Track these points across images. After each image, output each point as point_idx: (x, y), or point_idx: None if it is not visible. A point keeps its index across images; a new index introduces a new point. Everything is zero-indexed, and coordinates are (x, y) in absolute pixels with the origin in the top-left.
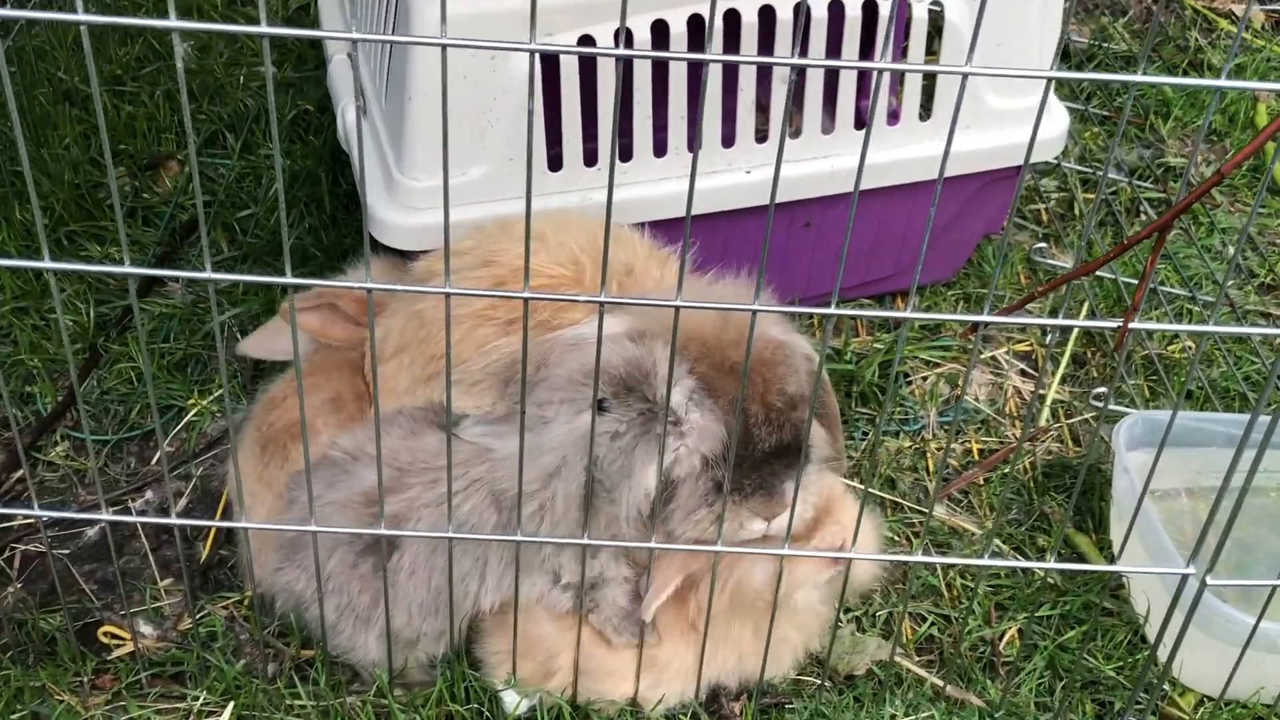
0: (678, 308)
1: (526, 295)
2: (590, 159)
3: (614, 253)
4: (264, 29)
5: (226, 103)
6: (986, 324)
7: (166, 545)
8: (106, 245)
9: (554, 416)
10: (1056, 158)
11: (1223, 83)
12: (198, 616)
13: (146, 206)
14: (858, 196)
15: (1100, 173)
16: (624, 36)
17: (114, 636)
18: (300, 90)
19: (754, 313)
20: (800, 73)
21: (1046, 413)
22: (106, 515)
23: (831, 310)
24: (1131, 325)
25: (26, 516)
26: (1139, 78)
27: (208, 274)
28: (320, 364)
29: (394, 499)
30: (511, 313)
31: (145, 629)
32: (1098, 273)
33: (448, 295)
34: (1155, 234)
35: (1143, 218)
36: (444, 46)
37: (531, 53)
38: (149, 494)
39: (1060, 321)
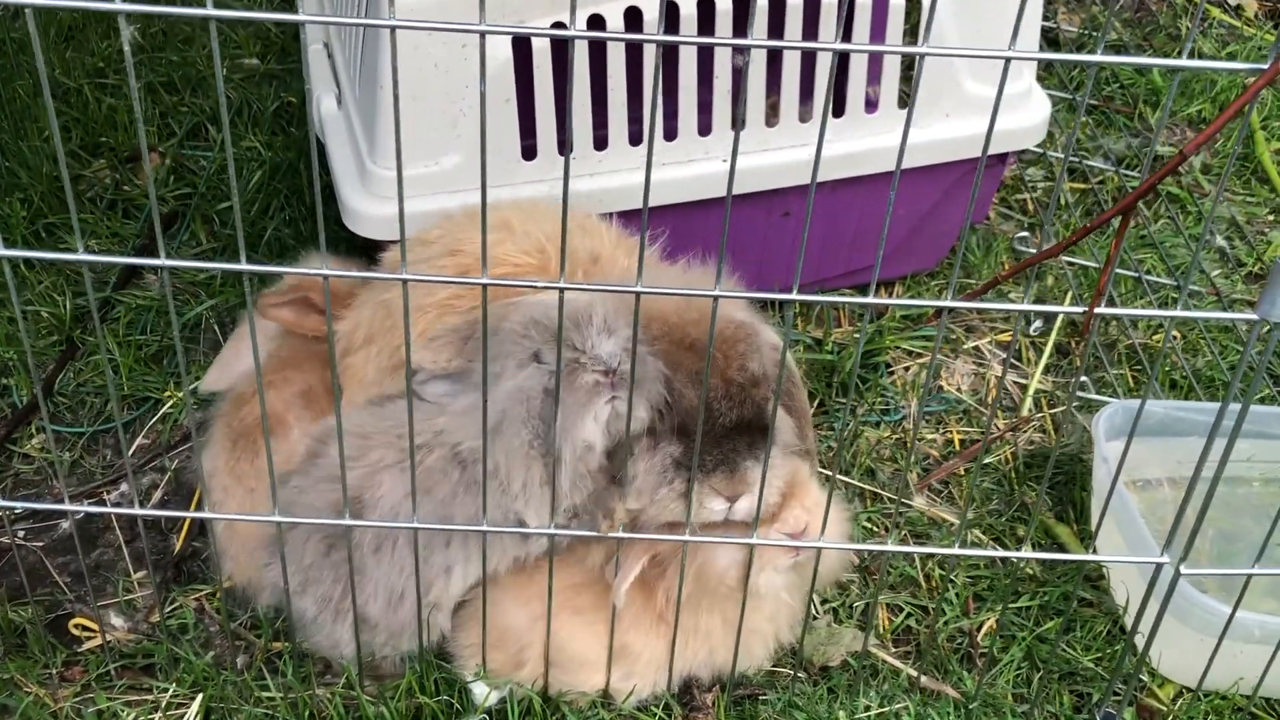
0: (638, 293)
1: (485, 281)
2: (564, 148)
3: (580, 241)
4: (210, 11)
5: (209, 94)
6: (954, 311)
7: (141, 538)
8: (86, 238)
9: (500, 371)
10: (1041, 146)
11: (1182, 62)
12: (169, 608)
13: (127, 199)
14: (815, 187)
15: (1084, 161)
16: (572, 22)
17: (84, 629)
18: (283, 82)
19: (715, 298)
20: (775, 59)
21: (1029, 402)
22: (70, 506)
23: (793, 296)
24: (1098, 311)
25: None
26: (1096, 58)
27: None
28: (291, 357)
29: (358, 465)
30: (475, 301)
31: (116, 621)
32: (1082, 262)
33: (405, 282)
34: (1121, 216)
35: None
36: (392, 29)
37: (481, 34)
38: (124, 486)
39: (1025, 307)
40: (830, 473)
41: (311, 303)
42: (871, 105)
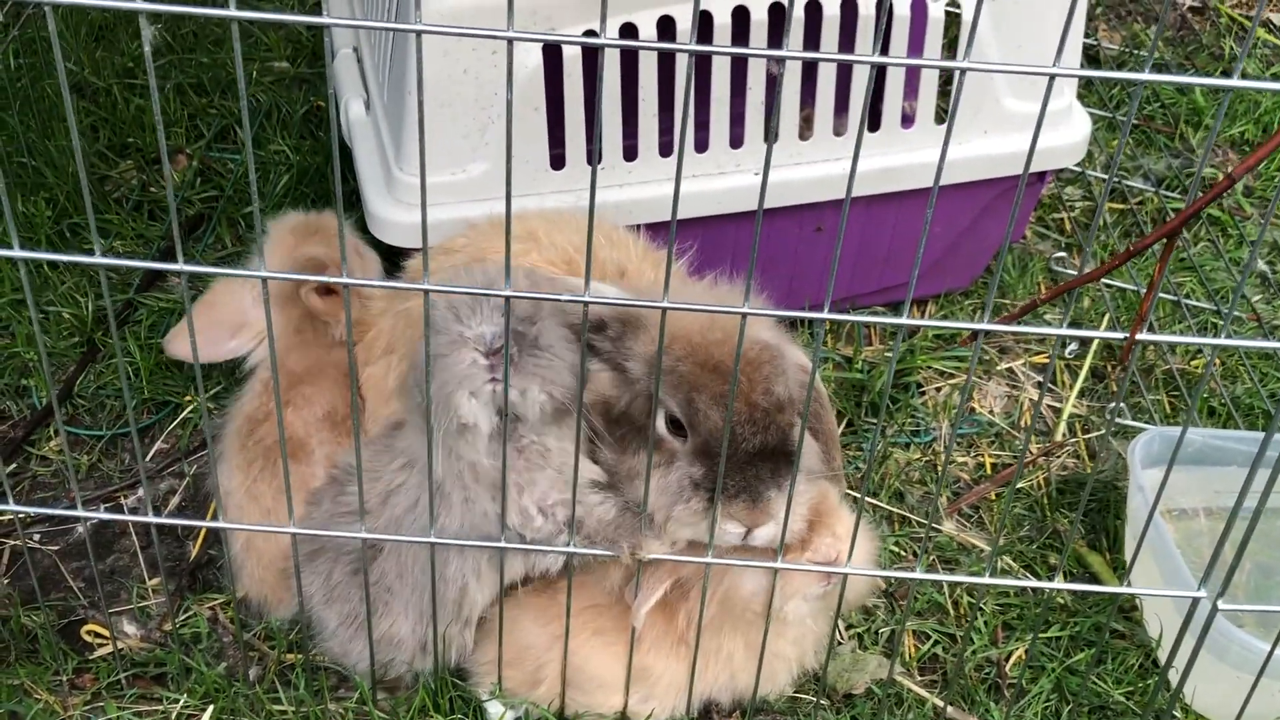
0: (664, 309)
1: (508, 294)
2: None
3: (608, 254)
4: (233, 12)
5: (238, 97)
6: (989, 333)
7: (155, 544)
8: (111, 239)
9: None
10: (1079, 165)
11: (1232, 82)
12: (182, 617)
13: (154, 201)
14: (850, 202)
15: (1123, 182)
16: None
17: (97, 635)
18: (313, 86)
19: (743, 316)
20: (810, 71)
21: (1063, 427)
22: (81, 513)
23: (824, 315)
24: (1139, 337)
25: (1, 512)
26: (1144, 77)
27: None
28: (305, 372)
29: (379, 510)
30: None
31: (129, 628)
32: (1120, 285)
33: (426, 293)
34: (1165, 241)
35: None
36: (419, 33)
37: (509, 40)
38: (141, 491)
39: (1064, 331)
40: (857, 495)
41: (331, 289)
42: (908, 120)
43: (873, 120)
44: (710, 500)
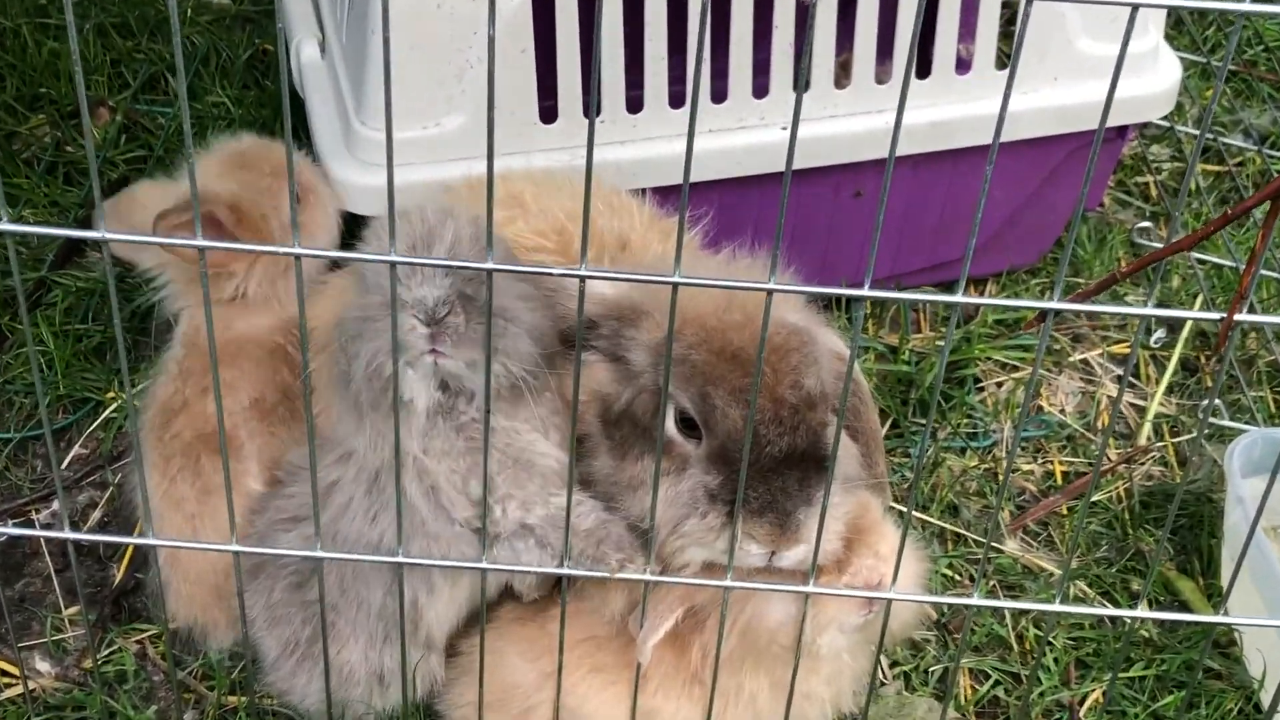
0: (675, 284)
1: (490, 267)
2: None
3: (609, 222)
4: None
5: (169, 40)
6: (1059, 314)
7: (74, 566)
8: (20, 206)
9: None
10: (1168, 119)
11: None
12: (105, 652)
13: (70, 161)
14: (894, 161)
15: (1220, 139)
16: None
17: (3, 674)
18: (259, 26)
19: (769, 293)
20: (847, 8)
21: (1147, 429)
22: None
23: (864, 292)
24: (1237, 318)
25: None
26: (1245, 7)
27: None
28: (233, 355)
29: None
30: None
31: (42, 666)
32: (1216, 260)
33: (393, 265)
34: (1270, 204)
35: None
36: None
37: None
38: (55, 505)
39: (1146, 311)
40: (904, 509)
41: (214, 218)
42: (964, 65)
43: (922, 65)
44: (729, 515)
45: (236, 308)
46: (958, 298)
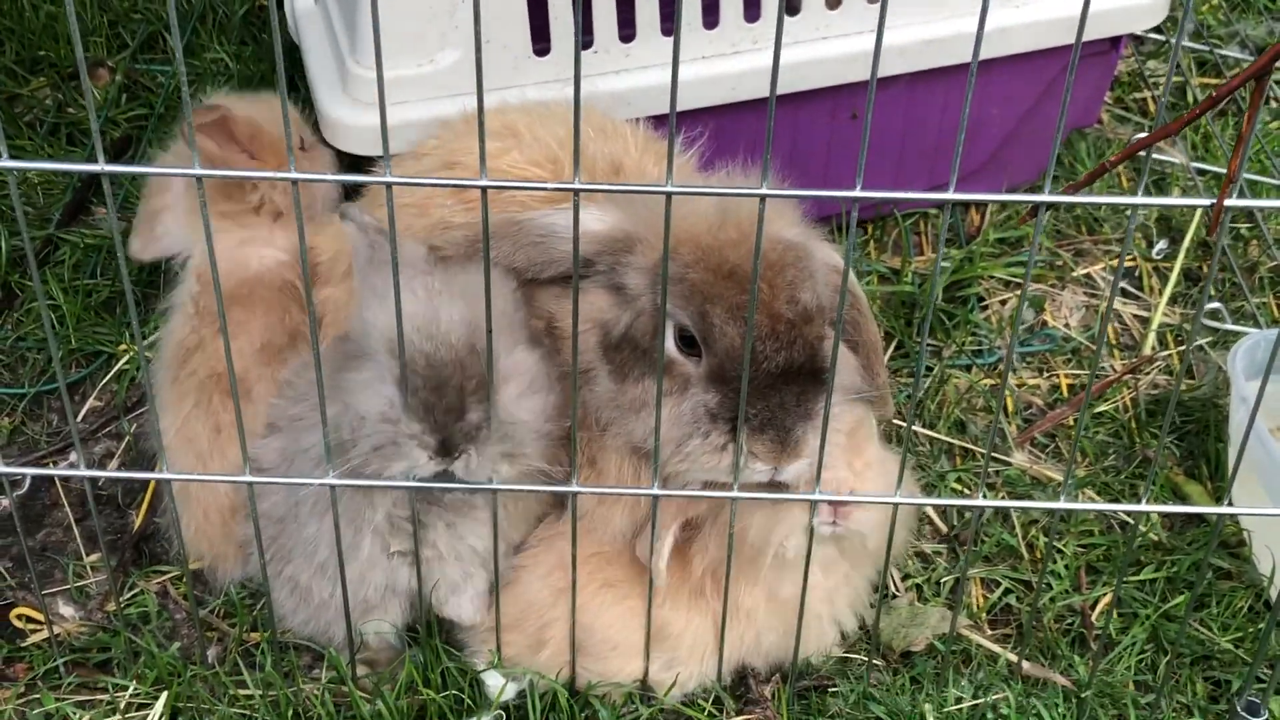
0: (669, 194)
1: (484, 184)
2: (586, 42)
3: (601, 147)
4: None
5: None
6: (1051, 207)
7: (93, 514)
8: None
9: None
10: (1164, 33)
11: None
12: (127, 595)
13: (72, 123)
14: (876, 77)
15: (1216, 50)
16: None
17: (29, 620)
18: None
19: (761, 199)
20: None
21: (1151, 339)
22: (5, 468)
23: (856, 194)
24: (1228, 203)
25: None
26: None
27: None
28: (243, 297)
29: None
30: (471, 215)
31: (66, 610)
32: (1216, 169)
33: (389, 185)
34: (1255, 83)
35: (1273, 105)
36: None
37: None
38: (72, 456)
39: (1137, 200)
40: (905, 424)
41: (231, 133)
42: None
43: None
44: (730, 434)
45: (252, 240)
46: (949, 195)
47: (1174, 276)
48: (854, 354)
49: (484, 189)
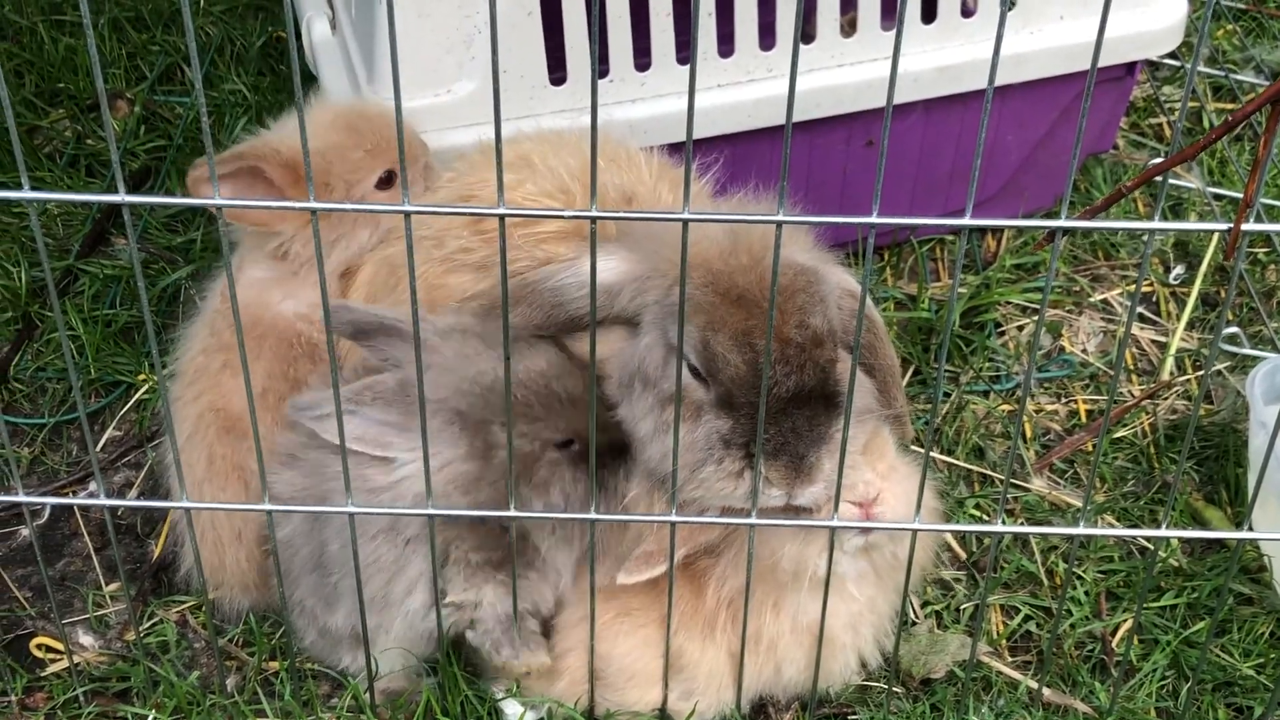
0: (685, 221)
1: (502, 212)
2: (602, 71)
3: (614, 177)
4: None
5: (183, 30)
6: (1068, 232)
7: (113, 544)
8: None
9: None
10: (1179, 58)
11: None
12: (146, 624)
13: (91, 154)
14: (892, 104)
15: (1231, 75)
16: None
17: (49, 649)
18: (270, 14)
19: (778, 225)
20: None
21: (1169, 364)
22: (24, 499)
23: (873, 220)
24: (1245, 227)
25: None
26: None
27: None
28: (255, 338)
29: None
30: (487, 247)
31: (85, 640)
32: (1232, 194)
33: (407, 215)
34: (1270, 108)
35: None
36: None
37: None
38: (92, 485)
39: (1153, 225)
40: (923, 450)
41: (260, 176)
42: (969, 10)
43: (927, 10)
44: (744, 459)
45: (280, 284)
46: (966, 220)
47: (1191, 301)
48: (870, 378)
49: (501, 217)
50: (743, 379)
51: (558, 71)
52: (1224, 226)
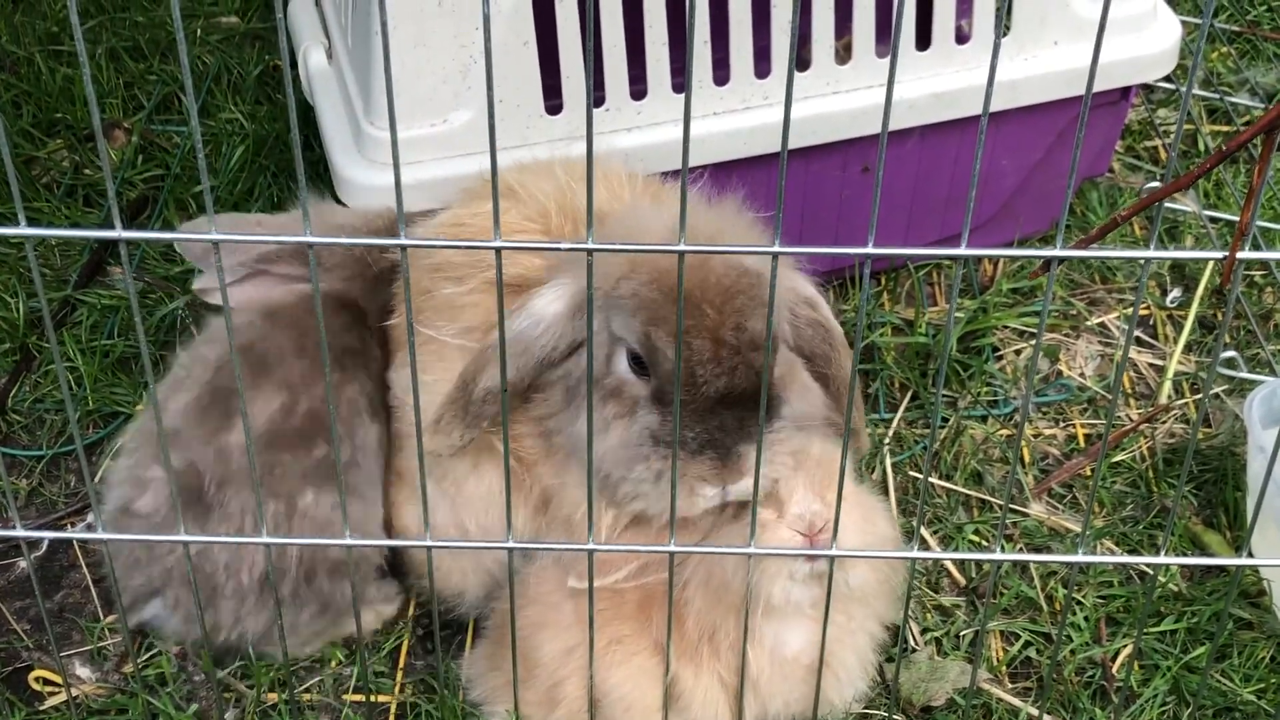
0: (681, 252)
1: (498, 245)
2: (599, 99)
3: (582, 200)
4: None
5: (180, 60)
6: (1063, 261)
7: (111, 575)
8: (41, 229)
9: None
10: (1175, 82)
11: None
12: (144, 656)
13: (88, 184)
14: (888, 129)
15: (1226, 98)
16: None
17: (47, 682)
18: (267, 43)
19: (774, 255)
20: None
21: (1167, 387)
22: (22, 533)
23: (869, 250)
24: (1241, 255)
25: None
26: None
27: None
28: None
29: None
30: (481, 296)
31: (83, 672)
32: (1228, 218)
33: (404, 248)
34: (1264, 136)
35: None
36: None
37: None
38: (90, 517)
39: (1150, 254)
40: (919, 475)
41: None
42: (964, 37)
43: (921, 37)
44: (667, 458)
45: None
46: (961, 250)
47: (1188, 325)
48: (823, 387)
49: (498, 250)
50: (674, 374)
51: (553, 100)
52: (1219, 255)
